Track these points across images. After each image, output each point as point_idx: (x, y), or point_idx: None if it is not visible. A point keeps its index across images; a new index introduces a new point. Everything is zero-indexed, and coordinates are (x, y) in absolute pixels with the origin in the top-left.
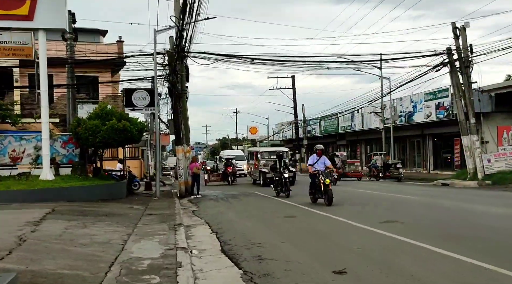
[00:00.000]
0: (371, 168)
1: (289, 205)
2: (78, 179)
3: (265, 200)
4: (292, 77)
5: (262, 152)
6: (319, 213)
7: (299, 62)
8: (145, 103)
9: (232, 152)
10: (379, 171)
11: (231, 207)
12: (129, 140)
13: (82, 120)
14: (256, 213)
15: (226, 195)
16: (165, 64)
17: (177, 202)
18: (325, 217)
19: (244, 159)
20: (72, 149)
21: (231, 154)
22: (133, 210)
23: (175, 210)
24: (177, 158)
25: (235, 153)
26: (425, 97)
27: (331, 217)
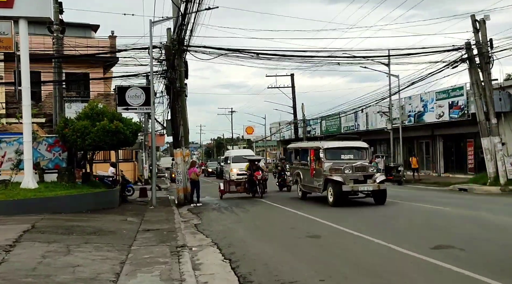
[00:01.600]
0: None
1: (304, 217)
2: (65, 187)
3: (275, 211)
4: (291, 75)
5: (329, 149)
6: (347, 232)
7: (307, 57)
8: (140, 102)
9: (243, 151)
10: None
11: (239, 221)
12: (123, 143)
13: (69, 120)
14: (271, 230)
15: (229, 203)
16: (162, 59)
17: (176, 212)
18: (358, 239)
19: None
20: (59, 153)
21: (244, 154)
22: (127, 223)
23: (175, 224)
24: (175, 162)
25: (245, 152)
26: (437, 96)
27: (365, 238)
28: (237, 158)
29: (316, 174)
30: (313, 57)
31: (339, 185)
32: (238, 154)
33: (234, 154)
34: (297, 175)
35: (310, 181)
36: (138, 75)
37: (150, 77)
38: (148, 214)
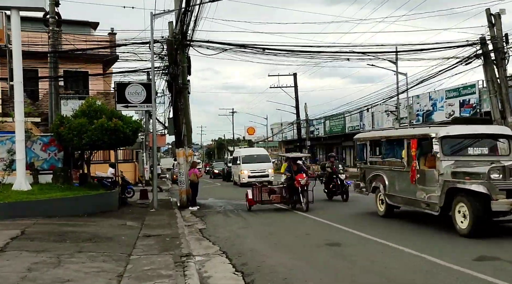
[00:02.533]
0: None
1: (317, 222)
2: (60, 189)
3: (284, 214)
4: (294, 74)
5: (450, 138)
6: (372, 239)
7: (315, 52)
8: (141, 99)
9: (254, 150)
10: None
11: (247, 226)
12: (122, 142)
13: (65, 118)
14: (284, 236)
15: (234, 205)
16: (163, 54)
17: (178, 215)
18: (386, 248)
19: (269, 160)
20: (55, 152)
21: (255, 153)
22: (126, 228)
23: (178, 229)
24: (178, 163)
25: (257, 151)
26: (447, 94)
27: (392, 247)
28: (248, 157)
29: (423, 179)
30: (321, 53)
31: (481, 200)
32: (249, 153)
33: (244, 153)
34: (377, 180)
35: (409, 189)
36: (139, 71)
37: (151, 73)
38: (149, 218)
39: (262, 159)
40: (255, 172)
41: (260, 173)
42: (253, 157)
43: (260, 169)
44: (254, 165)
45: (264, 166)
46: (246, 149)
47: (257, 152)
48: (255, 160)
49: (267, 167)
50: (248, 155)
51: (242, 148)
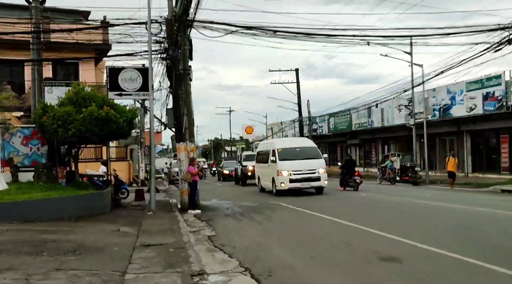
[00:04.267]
0: (384, 169)
1: (350, 227)
2: (42, 188)
3: (305, 217)
4: (296, 70)
5: None
6: (438, 253)
7: (333, 36)
8: (136, 87)
9: (294, 141)
10: (396, 173)
11: (266, 231)
12: (115, 135)
13: (49, 107)
14: (319, 247)
15: (243, 207)
16: (162, 37)
17: (180, 218)
18: (466, 266)
19: (319, 156)
20: (37, 146)
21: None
22: (120, 236)
23: (182, 236)
24: (178, 159)
25: (298, 142)
26: (468, 87)
27: (475, 264)
28: (287, 151)
29: None
30: (339, 37)
31: None
32: (287, 144)
33: (280, 145)
34: None
35: None
36: (135, 54)
37: (149, 56)
38: (146, 222)
39: (308, 153)
40: (300, 173)
41: (307, 175)
42: (294, 151)
43: (308, 168)
44: (298, 162)
45: (314, 164)
46: (283, 139)
47: (301, 143)
48: (298, 154)
49: (317, 166)
50: (287, 147)
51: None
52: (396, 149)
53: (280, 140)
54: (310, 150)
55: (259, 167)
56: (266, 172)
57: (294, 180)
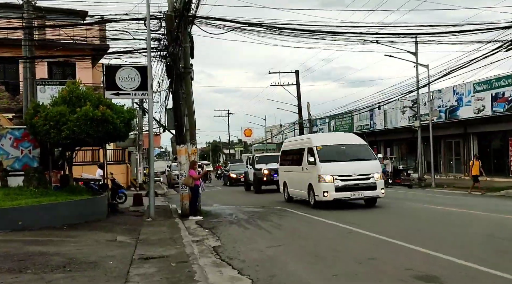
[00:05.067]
0: None
1: (371, 238)
2: (33, 194)
3: (316, 224)
4: (296, 72)
5: None
6: (479, 271)
7: (338, 33)
8: (135, 86)
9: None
10: (388, 176)
11: (278, 242)
12: (111, 136)
13: (41, 106)
14: (340, 261)
15: (247, 213)
16: (161, 33)
17: (181, 226)
18: None
19: (372, 156)
20: (29, 149)
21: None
22: (116, 246)
23: (185, 246)
24: (179, 162)
25: (343, 138)
26: (476, 87)
27: None
28: (330, 150)
29: None
30: (346, 34)
31: None
32: (330, 141)
33: (321, 142)
34: None
35: None
36: (133, 51)
37: (147, 53)
38: (145, 230)
39: (358, 153)
40: (350, 179)
41: (359, 181)
42: (339, 150)
43: (359, 172)
44: (345, 165)
45: (367, 167)
46: (321, 134)
47: (346, 139)
48: (345, 154)
49: (371, 169)
50: (329, 145)
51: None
52: (399, 151)
53: (318, 136)
54: (359, 148)
55: (286, 170)
56: (298, 177)
57: (342, 188)
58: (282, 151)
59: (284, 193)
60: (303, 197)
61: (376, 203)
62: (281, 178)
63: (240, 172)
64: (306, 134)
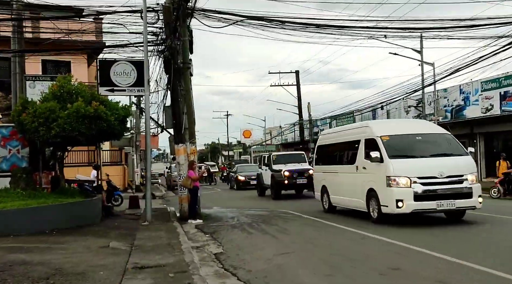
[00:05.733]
0: None
1: (386, 244)
2: (20, 196)
3: (324, 229)
4: (296, 72)
5: None
6: None
7: (347, 27)
8: (130, 82)
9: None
10: None
11: (285, 249)
12: (105, 135)
13: (30, 103)
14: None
15: (250, 217)
16: (158, 27)
17: (180, 230)
18: None
19: (461, 151)
20: (17, 149)
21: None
22: (108, 254)
23: (184, 254)
24: (177, 162)
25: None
26: (484, 86)
27: None
28: (403, 142)
29: None
30: (353, 28)
31: None
32: (400, 130)
33: (388, 131)
34: None
35: None
36: (129, 45)
37: (144, 48)
38: (141, 235)
39: (441, 146)
40: (435, 183)
41: (449, 185)
42: (414, 142)
43: (448, 173)
44: (427, 162)
45: (456, 164)
46: (386, 121)
47: (423, 128)
48: (423, 148)
49: (463, 168)
50: (401, 134)
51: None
52: None
53: (379, 123)
54: (442, 140)
55: (325, 171)
56: (347, 180)
57: (424, 196)
58: (318, 146)
59: (322, 200)
60: (357, 207)
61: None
62: (318, 181)
63: (249, 174)
64: (359, 122)
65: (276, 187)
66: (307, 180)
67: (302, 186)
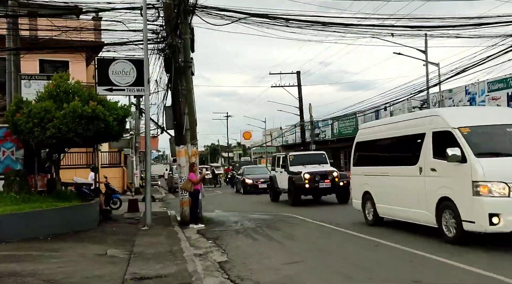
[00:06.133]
0: None
1: (401, 251)
2: (14, 200)
3: (334, 235)
4: (298, 73)
5: None
6: None
7: (352, 25)
8: (130, 81)
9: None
10: None
11: (294, 257)
12: (103, 136)
13: (25, 102)
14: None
15: (254, 221)
16: (157, 24)
17: (181, 236)
18: None
19: None
20: (11, 150)
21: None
22: (105, 262)
23: (187, 262)
24: (178, 164)
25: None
26: (490, 86)
27: None
28: (487, 135)
29: None
30: (359, 26)
31: None
32: (483, 119)
33: (467, 121)
34: None
35: None
36: (128, 43)
37: (144, 45)
38: (140, 241)
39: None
40: None
41: None
42: (505, 135)
43: None
44: None
45: None
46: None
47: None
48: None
49: None
50: (486, 125)
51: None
52: None
53: (451, 111)
54: None
55: (370, 173)
56: (404, 185)
57: None
58: (358, 143)
59: (364, 210)
60: (420, 221)
61: None
62: (358, 186)
63: (257, 177)
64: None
65: (295, 191)
66: (331, 184)
67: (325, 190)
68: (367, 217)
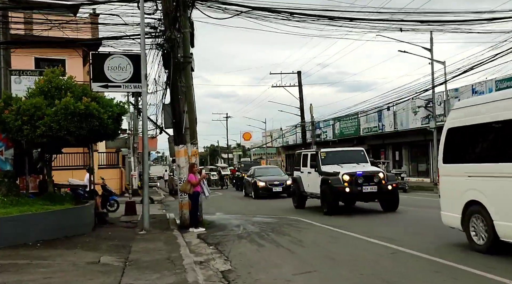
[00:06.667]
0: None
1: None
2: (0, 203)
3: (344, 240)
4: (298, 73)
5: None
6: None
7: (360, 19)
8: (126, 77)
9: None
10: None
11: (304, 266)
12: (97, 134)
13: (14, 99)
14: None
15: (257, 224)
16: (155, 18)
17: (181, 241)
18: None
19: None
20: (0, 150)
21: None
22: (97, 272)
23: (186, 272)
24: (177, 165)
25: None
26: (498, 85)
27: None
28: None
29: None
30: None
31: None
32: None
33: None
34: None
35: None
36: (124, 37)
37: (141, 39)
38: (137, 247)
39: None
40: None
41: None
42: None
43: None
44: None
45: None
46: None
47: None
48: None
49: None
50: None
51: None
52: (409, 155)
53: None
54: None
55: (476, 174)
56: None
57: None
58: (451, 129)
59: (468, 229)
60: None
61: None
62: (455, 193)
63: (270, 179)
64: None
65: (332, 196)
66: (377, 188)
67: (371, 195)
68: (474, 240)
